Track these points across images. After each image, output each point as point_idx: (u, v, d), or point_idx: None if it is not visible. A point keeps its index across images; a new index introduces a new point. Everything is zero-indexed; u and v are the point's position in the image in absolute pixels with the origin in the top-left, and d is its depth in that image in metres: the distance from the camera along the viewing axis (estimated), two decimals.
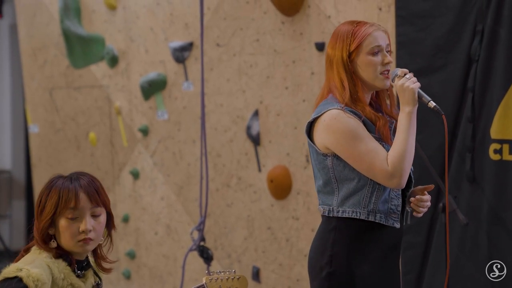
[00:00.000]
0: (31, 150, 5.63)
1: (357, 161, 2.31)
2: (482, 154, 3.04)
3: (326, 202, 2.39)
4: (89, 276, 2.12)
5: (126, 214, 4.77)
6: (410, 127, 2.29)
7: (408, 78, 2.31)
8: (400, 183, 2.29)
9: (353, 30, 2.37)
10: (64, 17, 4.96)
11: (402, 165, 2.27)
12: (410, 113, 2.29)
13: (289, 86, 3.79)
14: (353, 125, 2.30)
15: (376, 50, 2.34)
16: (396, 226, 2.37)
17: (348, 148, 2.30)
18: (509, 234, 2.98)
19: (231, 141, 4.10)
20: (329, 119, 2.32)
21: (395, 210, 2.37)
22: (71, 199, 2.05)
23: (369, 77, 2.36)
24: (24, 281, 1.95)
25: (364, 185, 2.34)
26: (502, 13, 2.95)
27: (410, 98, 2.29)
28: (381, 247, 2.38)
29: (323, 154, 2.36)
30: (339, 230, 2.37)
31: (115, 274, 4.90)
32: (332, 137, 2.32)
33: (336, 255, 2.35)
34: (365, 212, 2.34)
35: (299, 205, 3.80)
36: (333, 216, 2.37)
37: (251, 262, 4.06)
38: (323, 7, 3.57)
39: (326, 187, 2.39)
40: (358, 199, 2.34)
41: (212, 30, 4.09)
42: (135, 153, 4.72)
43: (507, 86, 2.95)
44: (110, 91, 4.83)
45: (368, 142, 2.29)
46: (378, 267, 2.38)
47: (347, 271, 2.35)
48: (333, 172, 2.36)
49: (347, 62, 2.36)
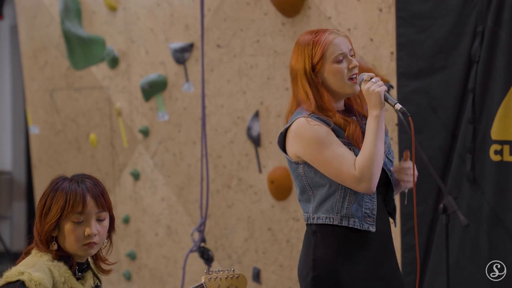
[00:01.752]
0: (32, 151, 5.63)
1: (325, 167, 2.31)
2: (482, 155, 3.04)
3: (305, 209, 2.42)
4: (88, 278, 2.13)
5: (127, 215, 4.77)
6: (378, 130, 2.29)
7: (374, 82, 2.31)
8: (369, 187, 2.28)
9: (313, 40, 2.36)
10: (65, 19, 4.97)
11: (370, 169, 2.26)
12: (377, 116, 2.29)
13: (289, 87, 3.79)
14: (319, 132, 2.30)
15: (340, 57, 2.34)
16: (371, 230, 2.35)
17: (315, 155, 2.31)
18: (509, 235, 2.98)
19: (231, 142, 4.11)
20: (296, 128, 2.34)
21: (369, 214, 2.36)
22: (78, 203, 2.05)
23: (338, 86, 2.36)
24: (27, 284, 1.95)
25: (336, 190, 2.34)
26: (502, 14, 2.95)
27: (377, 102, 2.29)
28: (365, 250, 2.37)
29: (295, 163, 2.38)
30: (318, 235, 2.38)
31: (115, 275, 4.90)
32: (300, 145, 2.33)
33: (319, 259, 2.36)
34: (338, 218, 2.34)
35: (299, 206, 3.80)
36: (311, 223, 2.39)
37: (251, 263, 4.06)
38: (323, 8, 3.57)
39: (303, 195, 2.41)
40: (331, 204, 2.35)
41: (212, 31, 4.09)
42: (135, 154, 4.72)
43: (508, 87, 2.95)
44: (111, 92, 4.83)
45: (335, 148, 2.30)
46: (365, 270, 2.36)
47: (331, 274, 2.35)
48: (306, 179, 2.37)
49: (310, 74, 2.36)
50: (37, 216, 2.08)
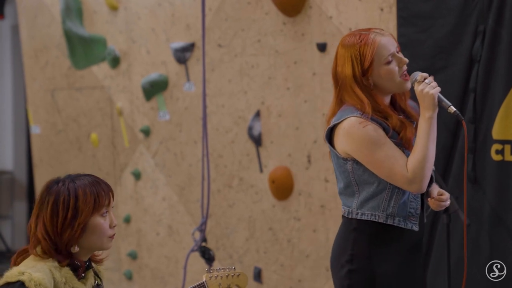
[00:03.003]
0: (33, 151, 5.63)
1: (377, 167, 2.32)
2: (483, 154, 3.04)
3: (346, 203, 2.43)
4: (89, 277, 2.13)
5: (128, 215, 4.77)
6: (430, 132, 2.29)
7: (428, 83, 2.30)
8: (420, 188, 2.31)
9: (360, 44, 2.33)
10: (66, 18, 4.97)
11: (422, 171, 2.28)
12: (430, 118, 2.29)
13: (290, 87, 3.79)
14: (372, 132, 2.30)
15: (390, 58, 2.33)
16: (415, 229, 2.39)
17: (367, 155, 2.31)
18: (510, 235, 2.98)
19: (232, 142, 4.11)
20: (349, 127, 2.33)
21: (413, 213, 2.39)
22: (106, 195, 2.04)
23: (390, 85, 2.35)
24: (26, 285, 1.95)
25: (384, 189, 2.35)
26: (503, 14, 2.95)
27: (430, 104, 2.29)
28: (401, 248, 2.40)
29: (343, 159, 2.38)
30: (358, 231, 2.39)
31: (116, 275, 4.90)
32: (352, 144, 2.33)
33: (357, 254, 2.39)
34: (383, 216, 2.36)
35: (300, 206, 3.80)
36: (352, 217, 2.40)
37: (252, 263, 4.06)
38: (324, 7, 3.57)
39: (347, 190, 2.42)
40: (377, 202, 2.36)
41: (213, 31, 4.09)
42: (136, 154, 4.72)
43: (509, 86, 2.95)
44: (112, 92, 4.83)
45: (388, 149, 2.30)
46: (400, 266, 2.40)
47: (368, 269, 2.37)
48: (353, 176, 2.38)
49: (361, 80, 2.34)
50: (53, 226, 2.00)
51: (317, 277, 3.75)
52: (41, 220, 2.02)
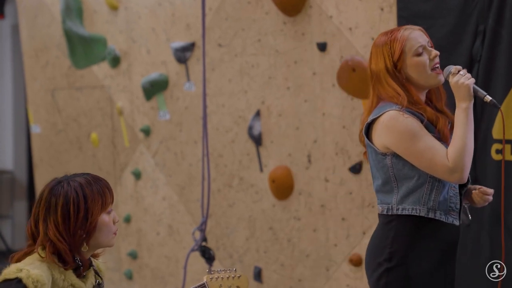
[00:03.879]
0: (33, 150, 5.63)
1: (417, 158, 2.35)
2: (484, 154, 3.04)
3: (385, 200, 2.44)
4: (90, 276, 2.13)
5: (128, 215, 4.77)
6: (468, 122, 2.34)
7: (463, 75, 2.35)
8: (461, 177, 2.33)
9: (390, 39, 2.41)
10: (66, 18, 4.97)
11: (462, 159, 2.31)
12: (466, 108, 2.34)
13: (290, 87, 3.79)
14: (411, 124, 2.34)
15: (420, 50, 2.39)
16: (456, 223, 2.41)
17: (408, 147, 2.34)
18: (510, 234, 2.98)
19: (232, 142, 4.11)
20: (388, 120, 2.37)
21: (454, 208, 2.41)
22: (110, 193, 2.09)
23: (422, 78, 2.40)
24: (24, 281, 1.96)
25: (424, 183, 2.38)
26: (503, 13, 2.95)
27: (466, 94, 2.34)
28: (440, 244, 2.42)
29: (382, 154, 2.41)
30: (398, 227, 2.41)
31: (117, 274, 4.90)
32: (392, 137, 2.36)
33: (396, 252, 2.39)
34: (425, 209, 2.38)
35: (300, 206, 3.80)
36: (392, 214, 2.42)
37: (252, 263, 4.06)
38: (324, 7, 3.57)
39: (385, 186, 2.43)
40: (418, 196, 2.38)
41: (213, 30, 4.09)
42: (136, 153, 4.72)
43: (509, 86, 2.95)
44: (112, 92, 4.83)
45: (427, 140, 2.34)
46: (436, 265, 2.41)
47: (405, 268, 2.39)
48: (392, 171, 2.40)
49: (394, 72, 2.40)
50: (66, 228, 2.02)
51: (317, 276, 3.75)
52: (51, 223, 2.03)
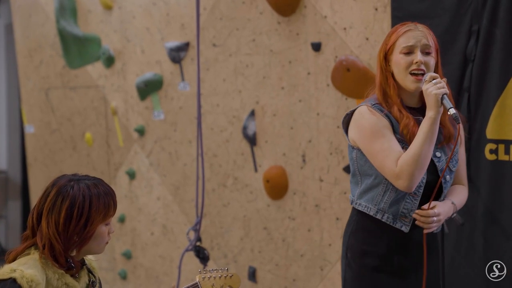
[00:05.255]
0: (27, 150, 5.62)
1: (372, 158, 2.37)
2: (478, 154, 3.05)
3: (352, 191, 2.50)
4: (83, 275, 2.13)
5: (122, 214, 4.77)
6: (428, 132, 2.30)
7: (434, 83, 2.32)
8: (406, 186, 2.30)
9: (393, 31, 2.44)
10: (60, 17, 4.96)
11: (410, 168, 2.28)
12: (431, 118, 2.31)
13: (285, 86, 3.79)
14: (375, 123, 2.35)
15: (407, 49, 2.39)
16: (404, 230, 2.39)
17: (366, 144, 2.37)
18: (504, 234, 2.99)
19: (227, 141, 4.10)
20: (357, 115, 2.41)
21: (406, 214, 2.39)
22: (115, 205, 2.11)
23: (400, 77, 2.41)
24: (18, 281, 1.95)
25: (380, 183, 2.39)
26: (497, 13, 2.96)
27: (433, 104, 2.31)
28: (386, 247, 2.41)
29: (351, 147, 2.46)
30: (357, 222, 2.45)
31: (111, 274, 4.89)
32: (357, 131, 2.40)
33: (351, 246, 2.44)
34: (374, 209, 2.40)
35: (295, 205, 3.80)
36: (354, 207, 2.47)
37: (247, 262, 4.06)
38: (319, 7, 3.57)
39: (354, 178, 2.49)
40: (372, 195, 2.40)
41: (208, 30, 4.09)
42: (131, 153, 4.71)
43: (503, 86, 2.96)
44: (106, 91, 4.82)
45: (386, 141, 2.34)
46: (385, 265, 2.41)
47: (359, 263, 2.42)
48: (357, 165, 2.44)
49: (383, 62, 2.43)
50: (65, 230, 2.02)
51: (311, 276, 3.75)
52: (52, 222, 2.03)
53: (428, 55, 2.40)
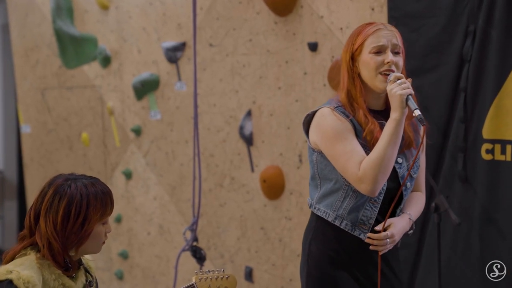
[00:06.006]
0: (23, 150, 5.61)
1: (334, 161, 2.32)
2: (474, 154, 3.05)
3: (311, 195, 2.45)
4: (80, 275, 2.13)
5: (119, 214, 4.76)
6: (393, 134, 2.23)
7: (399, 84, 2.25)
8: (369, 190, 2.24)
9: (360, 30, 2.36)
10: (56, 17, 4.95)
11: (373, 171, 2.22)
12: (395, 120, 2.24)
13: (282, 86, 3.79)
14: (337, 125, 2.30)
15: (377, 49, 2.31)
16: (362, 238, 2.35)
17: (328, 147, 2.31)
18: (500, 234, 2.99)
19: (224, 141, 4.11)
20: (319, 117, 2.35)
21: (365, 222, 2.34)
22: (112, 205, 2.10)
23: (368, 77, 2.32)
24: (15, 283, 1.95)
25: (339, 189, 2.34)
26: (493, 14, 2.96)
27: (397, 105, 2.24)
28: (345, 254, 2.37)
29: (312, 149, 2.40)
30: (316, 229, 2.40)
31: (107, 274, 4.89)
32: (318, 134, 2.34)
33: (312, 254, 2.40)
34: (333, 215, 2.36)
35: (292, 205, 3.81)
36: (312, 211, 2.42)
37: (244, 262, 4.06)
38: (315, 7, 3.58)
39: (313, 181, 2.43)
40: (332, 200, 2.36)
41: (205, 30, 4.09)
42: (127, 153, 4.71)
43: (499, 86, 2.96)
44: (103, 91, 4.82)
45: (348, 144, 2.28)
46: (347, 273, 2.37)
47: (321, 272, 2.38)
48: (317, 168, 2.39)
49: (349, 63, 2.35)
50: (63, 229, 2.02)
51: None
52: (50, 221, 2.03)
53: (397, 55, 2.32)
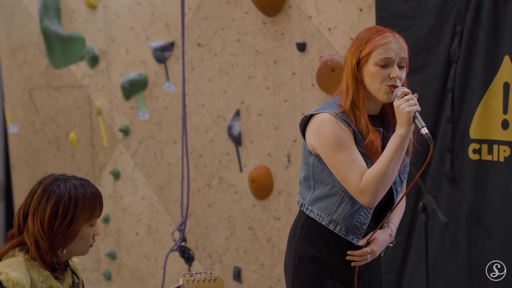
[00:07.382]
0: (10, 150, 5.58)
1: (335, 169, 2.31)
2: (461, 154, 3.07)
3: (302, 195, 2.44)
4: (67, 277, 2.13)
5: (107, 215, 4.75)
6: (398, 149, 2.23)
7: (406, 100, 2.24)
8: (369, 202, 2.27)
9: (369, 37, 2.33)
10: (44, 17, 4.93)
11: (375, 185, 2.24)
12: (401, 136, 2.24)
13: (270, 86, 3.80)
14: (339, 134, 2.29)
15: (385, 62, 2.30)
16: (355, 242, 2.37)
17: (329, 155, 2.31)
18: (487, 233, 3.01)
19: (212, 141, 4.10)
20: (319, 122, 2.33)
21: (359, 227, 2.36)
22: (101, 207, 2.09)
23: (373, 88, 2.32)
24: (4, 284, 1.95)
25: (335, 194, 2.35)
26: (480, 14, 2.98)
27: (405, 121, 2.23)
28: (339, 256, 2.39)
29: (309, 151, 2.39)
30: (306, 228, 2.41)
31: (95, 275, 4.87)
32: (318, 140, 2.33)
33: (299, 252, 2.40)
34: (327, 219, 2.36)
35: (280, 205, 3.81)
36: (303, 211, 2.42)
37: (232, 262, 4.06)
38: (304, 7, 3.58)
39: (306, 181, 2.42)
40: (326, 204, 2.36)
41: (193, 30, 4.09)
42: (115, 153, 4.70)
43: (486, 86, 2.98)
44: (91, 91, 4.80)
45: (349, 153, 2.28)
46: (334, 273, 2.39)
47: (308, 270, 2.38)
48: (313, 171, 2.38)
49: (354, 69, 2.33)
50: (50, 228, 2.02)
51: None
52: (37, 219, 2.02)
53: (402, 69, 2.33)
